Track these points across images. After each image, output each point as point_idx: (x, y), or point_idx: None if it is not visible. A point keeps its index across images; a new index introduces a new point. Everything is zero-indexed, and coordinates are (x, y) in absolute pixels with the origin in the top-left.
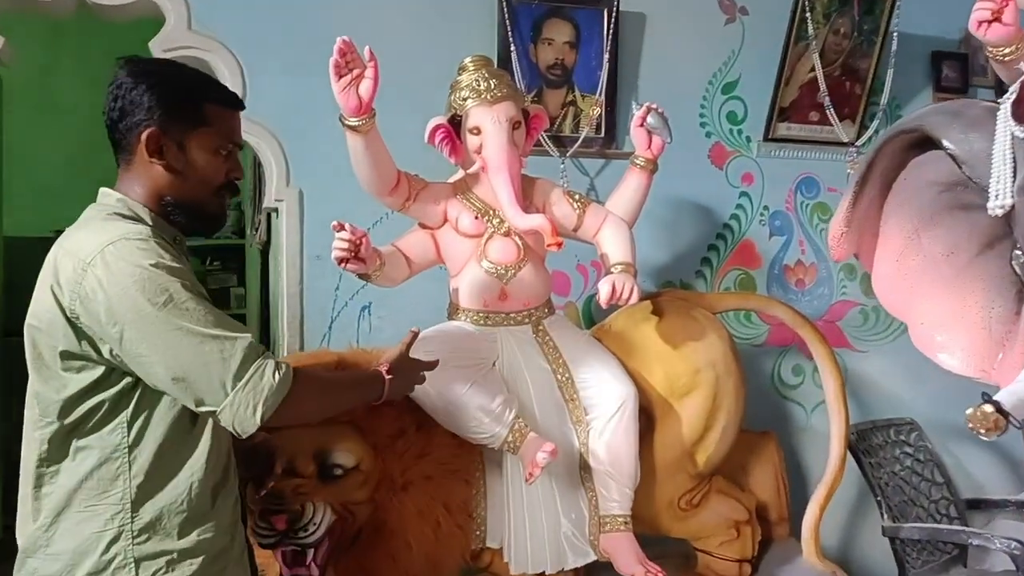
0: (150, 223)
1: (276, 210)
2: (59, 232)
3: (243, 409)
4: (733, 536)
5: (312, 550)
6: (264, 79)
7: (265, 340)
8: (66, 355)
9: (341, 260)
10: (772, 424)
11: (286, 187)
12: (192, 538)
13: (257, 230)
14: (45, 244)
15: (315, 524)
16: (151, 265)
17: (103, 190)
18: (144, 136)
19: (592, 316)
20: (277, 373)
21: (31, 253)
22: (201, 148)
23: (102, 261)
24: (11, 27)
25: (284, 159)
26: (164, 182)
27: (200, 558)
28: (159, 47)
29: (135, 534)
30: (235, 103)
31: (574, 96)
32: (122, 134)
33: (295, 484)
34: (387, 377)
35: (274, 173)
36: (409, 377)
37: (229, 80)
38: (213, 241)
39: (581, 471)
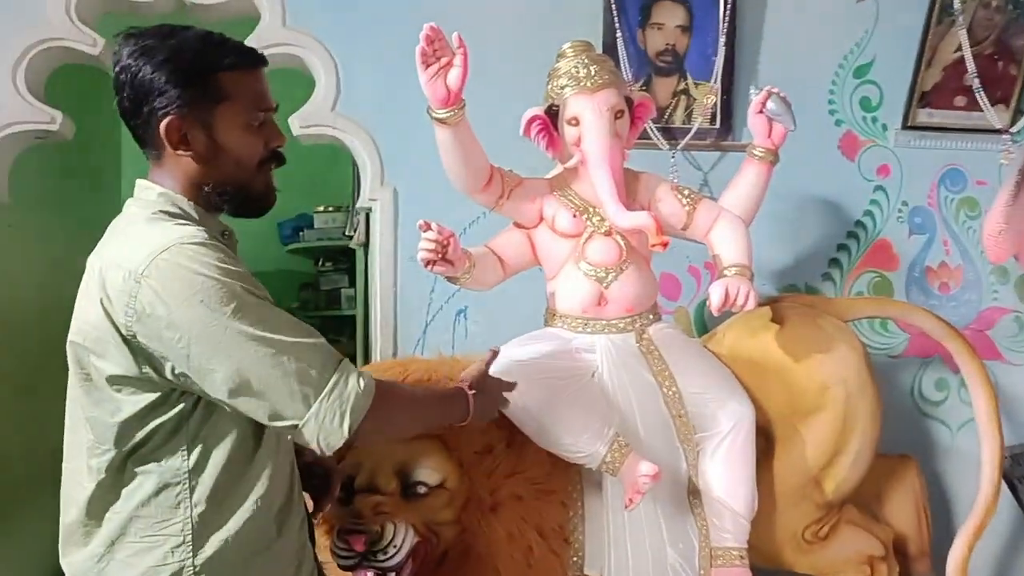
0: (198, 219)
1: (370, 210)
2: None
3: (329, 420)
4: (866, 573)
5: (394, 574)
6: (359, 75)
7: (366, 342)
8: (119, 379)
9: (428, 262)
10: (911, 446)
11: (380, 186)
12: (254, 573)
13: (356, 230)
14: None
15: (395, 546)
16: (212, 271)
17: (140, 183)
18: (163, 128)
19: (705, 323)
20: (361, 380)
21: None
22: (229, 126)
23: (156, 271)
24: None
25: (378, 157)
26: (199, 172)
27: None
28: (254, 42)
29: (196, 570)
30: (254, 61)
31: (686, 84)
32: (141, 127)
33: (375, 502)
34: (470, 393)
35: (368, 172)
36: (492, 398)
37: (323, 77)
38: (325, 242)
39: (690, 496)
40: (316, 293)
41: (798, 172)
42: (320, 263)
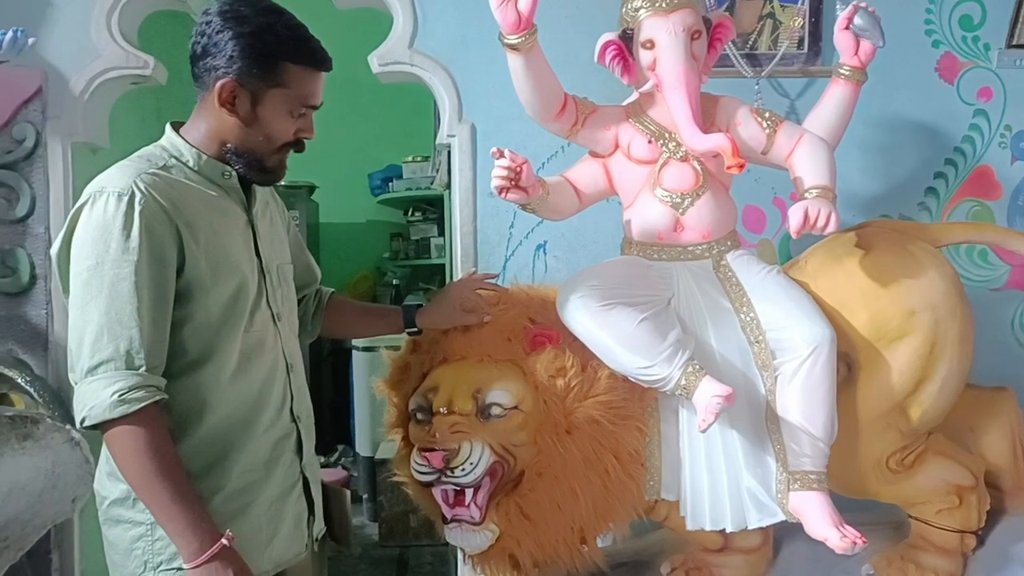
0: (193, 165)
1: (449, 147)
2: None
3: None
4: (954, 504)
5: (472, 490)
6: (435, 8)
7: None
8: None
9: (501, 189)
10: (1012, 379)
11: (458, 122)
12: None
13: (438, 171)
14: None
15: (472, 464)
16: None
17: (168, 126)
18: (218, 85)
19: (790, 256)
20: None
21: None
22: (273, 107)
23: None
24: None
25: (456, 93)
26: (229, 130)
27: (214, 496)
28: None
29: None
30: (319, 64)
31: (772, 6)
32: (201, 71)
33: (452, 422)
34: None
35: (446, 108)
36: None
37: (400, 10)
38: (413, 192)
39: (768, 422)
40: (406, 243)
41: (893, 97)
42: (409, 213)
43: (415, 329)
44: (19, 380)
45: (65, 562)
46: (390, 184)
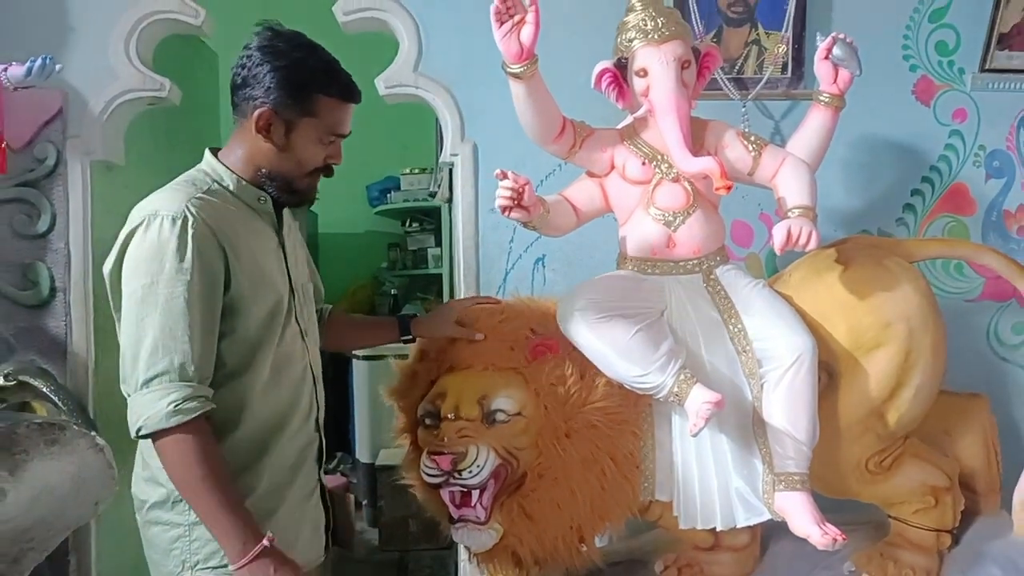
0: (231, 187)
1: (452, 166)
2: None
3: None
4: (930, 504)
5: (478, 492)
6: (439, 35)
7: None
8: None
9: (504, 208)
10: (986, 386)
11: (460, 142)
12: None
13: (440, 186)
14: None
15: (478, 466)
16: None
17: (207, 151)
18: (255, 114)
19: (776, 269)
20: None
21: None
22: (305, 135)
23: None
24: None
25: (459, 114)
26: (264, 155)
27: (248, 497)
28: (341, 8)
29: None
30: (348, 97)
31: (757, 34)
32: (240, 100)
33: (459, 427)
34: (265, 544)
35: (449, 128)
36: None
37: (406, 39)
38: (411, 203)
39: (754, 426)
40: (403, 253)
41: (871, 119)
42: (407, 224)
43: (409, 337)
44: (43, 389)
45: (82, 565)
46: (388, 195)
